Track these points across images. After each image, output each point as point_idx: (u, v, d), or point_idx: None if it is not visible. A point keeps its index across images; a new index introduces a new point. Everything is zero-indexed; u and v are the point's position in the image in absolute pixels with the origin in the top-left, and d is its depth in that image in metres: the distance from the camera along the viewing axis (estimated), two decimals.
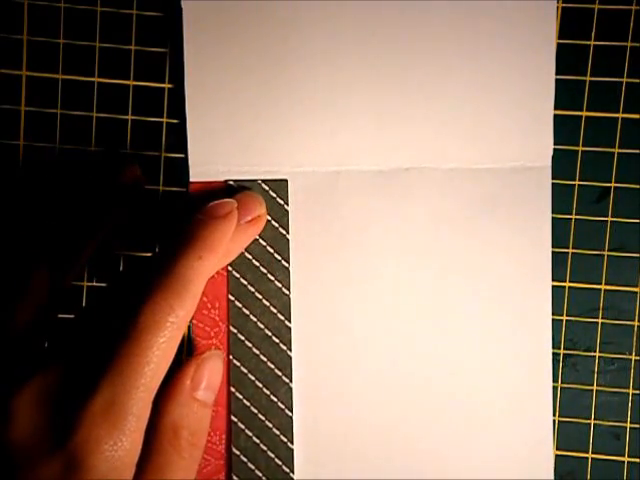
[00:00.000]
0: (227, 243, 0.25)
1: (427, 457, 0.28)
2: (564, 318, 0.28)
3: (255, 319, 0.28)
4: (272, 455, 0.28)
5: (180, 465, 0.23)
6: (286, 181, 0.28)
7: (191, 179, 0.28)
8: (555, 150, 0.28)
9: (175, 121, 0.28)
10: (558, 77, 0.28)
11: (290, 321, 0.28)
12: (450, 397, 0.28)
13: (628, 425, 0.28)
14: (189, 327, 0.28)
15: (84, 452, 0.20)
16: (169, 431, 0.23)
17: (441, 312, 0.28)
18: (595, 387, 0.28)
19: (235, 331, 0.28)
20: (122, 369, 0.21)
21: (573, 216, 0.28)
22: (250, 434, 0.28)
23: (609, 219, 0.28)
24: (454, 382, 0.28)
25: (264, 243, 0.28)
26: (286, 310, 0.28)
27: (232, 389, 0.28)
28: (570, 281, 0.28)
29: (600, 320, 0.28)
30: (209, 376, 0.25)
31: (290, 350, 0.28)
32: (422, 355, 0.28)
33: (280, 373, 0.28)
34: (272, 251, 0.28)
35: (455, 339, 0.28)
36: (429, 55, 0.27)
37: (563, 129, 0.28)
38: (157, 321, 0.22)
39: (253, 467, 0.28)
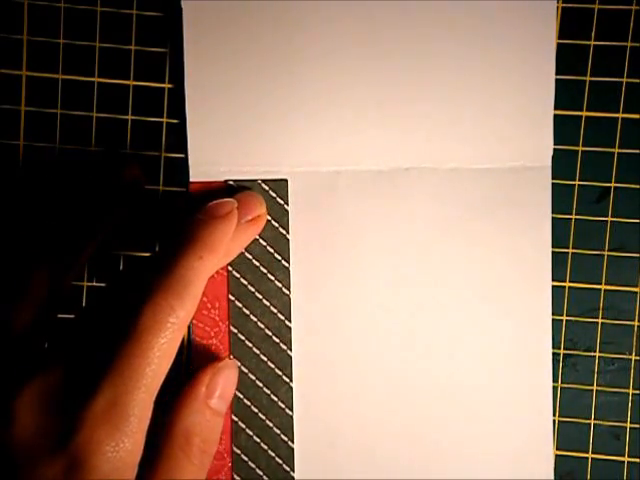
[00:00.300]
0: (227, 243, 0.25)
1: (427, 456, 0.28)
2: (564, 318, 0.28)
3: (255, 319, 0.28)
4: (273, 454, 0.28)
5: (189, 470, 0.23)
6: (286, 181, 0.28)
7: (191, 179, 0.28)
8: (555, 150, 0.28)
9: (175, 121, 0.28)
10: (558, 77, 0.28)
11: (290, 321, 0.28)
12: (450, 397, 0.28)
13: (628, 425, 0.28)
14: (189, 327, 0.28)
15: (86, 453, 0.20)
16: (181, 437, 0.23)
17: (441, 312, 0.28)
18: (595, 387, 0.28)
19: (235, 331, 0.28)
20: (123, 370, 0.21)
21: (573, 216, 0.28)
22: (251, 433, 0.28)
23: (609, 219, 0.28)
24: (454, 382, 0.28)
25: (264, 243, 0.28)
26: (286, 310, 0.28)
27: None
28: (570, 281, 0.28)
29: (600, 320, 0.28)
30: (223, 385, 0.25)
31: (290, 350, 0.28)
32: (422, 355, 0.28)
33: (280, 373, 0.28)
34: (272, 251, 0.28)
35: (455, 339, 0.28)
36: (429, 55, 0.27)
37: (563, 129, 0.28)
38: (158, 322, 0.22)
39: (254, 466, 0.28)
